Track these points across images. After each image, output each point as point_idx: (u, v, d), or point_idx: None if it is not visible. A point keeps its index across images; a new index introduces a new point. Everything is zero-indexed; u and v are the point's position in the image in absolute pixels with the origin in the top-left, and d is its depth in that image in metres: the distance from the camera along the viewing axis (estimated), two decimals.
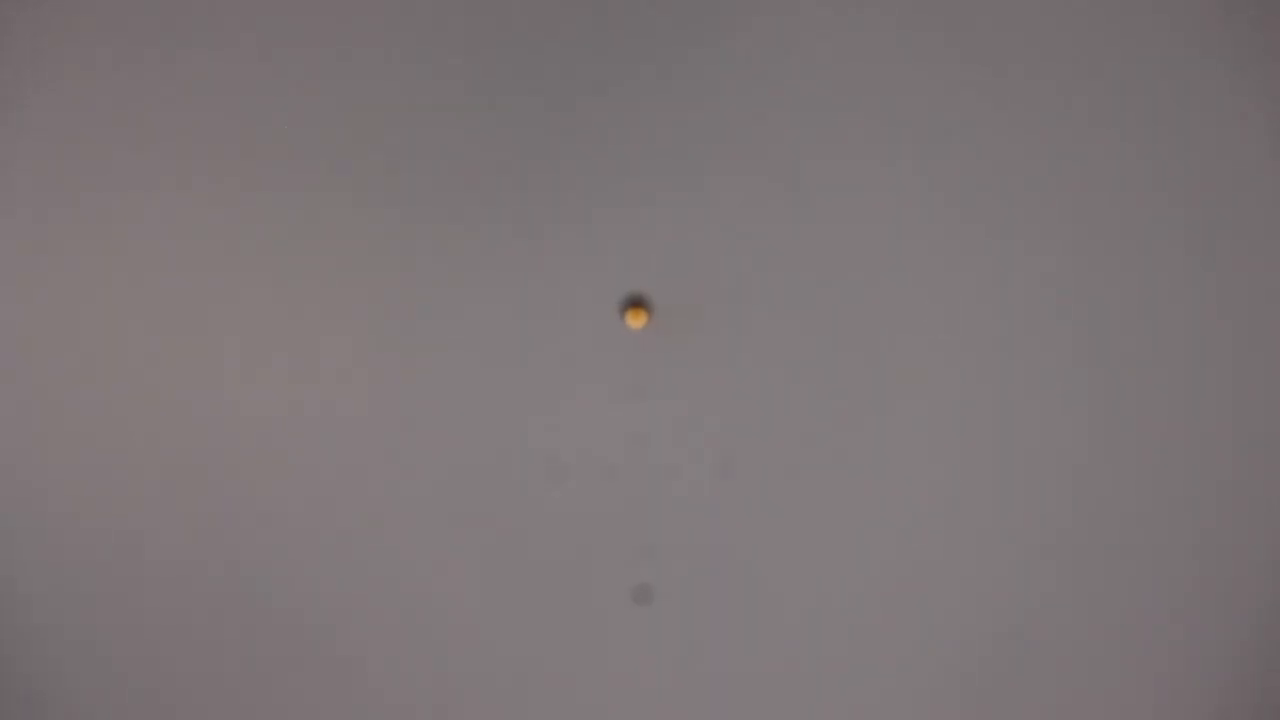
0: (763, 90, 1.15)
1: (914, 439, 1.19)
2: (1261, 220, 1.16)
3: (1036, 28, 1.15)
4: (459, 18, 1.14)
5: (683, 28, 1.14)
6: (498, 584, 1.22)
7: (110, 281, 1.17)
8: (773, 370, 1.19)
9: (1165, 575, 1.21)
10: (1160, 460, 1.19)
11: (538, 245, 1.17)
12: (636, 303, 1.18)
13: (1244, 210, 1.16)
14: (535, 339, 1.18)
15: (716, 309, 1.18)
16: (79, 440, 1.19)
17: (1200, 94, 1.15)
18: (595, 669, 1.24)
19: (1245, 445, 1.19)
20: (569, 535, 1.22)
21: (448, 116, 1.15)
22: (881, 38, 1.14)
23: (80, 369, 1.18)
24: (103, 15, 1.14)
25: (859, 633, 1.23)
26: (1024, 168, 1.16)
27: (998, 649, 1.23)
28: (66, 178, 1.16)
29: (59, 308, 1.17)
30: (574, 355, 1.19)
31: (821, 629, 1.23)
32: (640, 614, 1.23)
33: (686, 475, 1.20)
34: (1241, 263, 1.16)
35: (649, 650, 1.23)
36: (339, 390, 1.19)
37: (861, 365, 1.18)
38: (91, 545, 1.20)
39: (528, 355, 1.19)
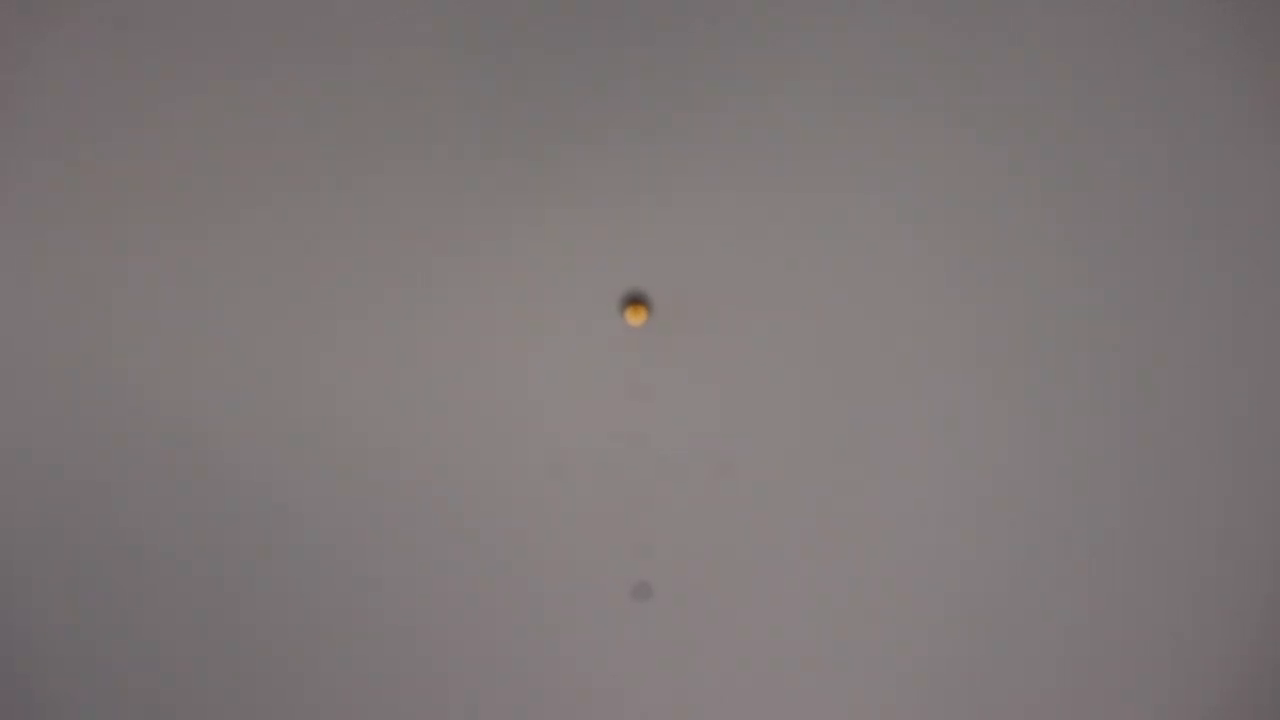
0: (763, 91, 1.15)
1: (911, 437, 1.19)
2: (1262, 222, 1.16)
3: (1041, 28, 1.15)
4: (462, 16, 1.15)
5: (684, 30, 1.15)
6: (498, 582, 1.22)
7: (110, 279, 1.18)
8: (771, 368, 1.19)
9: (1164, 575, 1.21)
10: (1159, 462, 1.19)
11: (539, 243, 1.17)
12: (636, 300, 1.18)
13: (1244, 212, 1.16)
14: (535, 336, 1.19)
15: (716, 307, 1.18)
16: (78, 440, 1.19)
17: (1201, 96, 1.15)
18: (595, 666, 1.23)
19: (1245, 447, 1.19)
20: (569, 533, 1.22)
21: (449, 116, 1.16)
22: (882, 39, 1.15)
23: (80, 369, 1.18)
24: (103, 15, 1.15)
25: (856, 629, 1.22)
26: (1025, 170, 1.17)
27: (995, 647, 1.22)
28: (67, 177, 1.16)
29: (59, 309, 1.18)
30: (574, 352, 1.19)
31: (819, 626, 1.22)
32: (639, 611, 1.23)
33: (686, 472, 1.20)
34: (1241, 265, 1.17)
35: (648, 647, 1.23)
36: (339, 389, 1.19)
37: (859, 364, 1.18)
38: (91, 545, 1.20)
39: (528, 352, 1.19)
